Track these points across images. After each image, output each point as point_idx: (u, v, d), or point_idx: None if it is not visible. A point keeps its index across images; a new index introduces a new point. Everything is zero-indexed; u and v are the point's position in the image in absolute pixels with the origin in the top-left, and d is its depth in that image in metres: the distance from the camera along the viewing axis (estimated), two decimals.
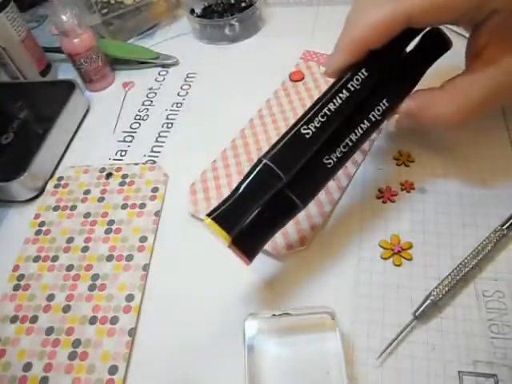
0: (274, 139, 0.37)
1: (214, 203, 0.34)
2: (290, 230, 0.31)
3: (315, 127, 0.26)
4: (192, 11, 0.50)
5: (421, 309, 0.27)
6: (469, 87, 0.27)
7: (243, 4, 0.50)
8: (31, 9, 0.61)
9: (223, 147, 0.38)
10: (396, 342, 0.26)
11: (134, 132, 0.42)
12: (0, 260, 0.34)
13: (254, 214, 0.25)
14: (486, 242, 0.28)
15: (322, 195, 0.33)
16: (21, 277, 0.33)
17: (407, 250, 0.30)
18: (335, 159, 0.27)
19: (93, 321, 0.30)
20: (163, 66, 0.48)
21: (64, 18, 0.41)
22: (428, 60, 0.30)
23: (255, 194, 0.25)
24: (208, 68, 0.47)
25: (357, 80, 0.27)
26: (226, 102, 0.43)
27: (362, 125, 0.27)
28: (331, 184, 0.34)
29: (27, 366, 0.28)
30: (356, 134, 0.27)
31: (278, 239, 0.31)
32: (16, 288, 0.32)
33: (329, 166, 0.27)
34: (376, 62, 0.27)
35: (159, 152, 0.40)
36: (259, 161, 0.25)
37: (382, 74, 0.28)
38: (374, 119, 0.28)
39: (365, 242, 0.31)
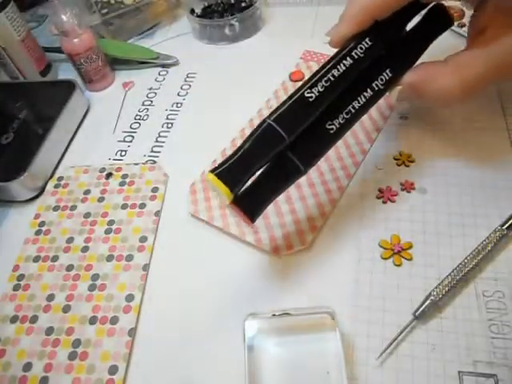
0: None
1: (214, 203, 0.34)
2: (290, 230, 0.31)
3: (318, 91, 0.26)
4: (192, 11, 0.50)
5: (421, 309, 0.26)
6: (472, 62, 0.28)
7: (243, 4, 0.50)
8: (31, 9, 0.61)
9: (223, 147, 0.38)
10: (396, 342, 0.26)
11: (134, 132, 0.42)
12: (0, 260, 0.34)
13: (256, 175, 0.26)
14: (486, 242, 0.28)
15: (322, 195, 0.33)
16: (21, 277, 0.33)
17: (407, 249, 0.30)
18: (338, 125, 0.27)
19: (93, 321, 0.30)
20: (163, 65, 0.48)
21: (64, 17, 0.41)
22: (431, 35, 0.31)
23: (258, 153, 0.25)
24: (208, 68, 0.47)
25: (361, 49, 0.27)
26: (226, 101, 0.43)
27: (364, 93, 0.28)
28: (331, 184, 0.34)
29: (27, 366, 0.28)
30: (359, 102, 0.27)
31: (278, 239, 0.31)
32: (16, 288, 0.32)
33: (331, 131, 0.27)
34: (380, 33, 0.28)
35: (159, 152, 0.40)
36: (263, 121, 0.25)
37: (385, 44, 0.28)
38: (376, 88, 0.28)
39: (365, 242, 0.31)
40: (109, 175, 0.38)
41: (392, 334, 0.26)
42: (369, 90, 0.28)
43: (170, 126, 0.42)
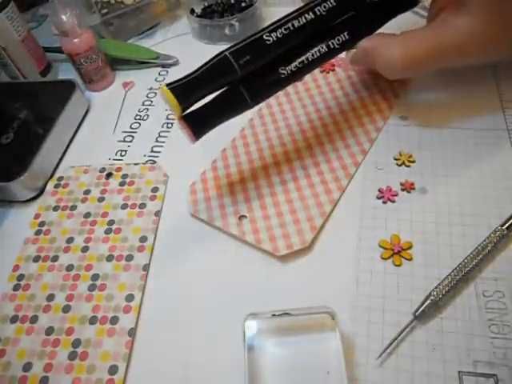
0: (274, 139, 0.38)
1: (214, 203, 0.34)
2: (290, 230, 0.31)
3: (277, 37, 0.29)
4: (192, 11, 0.50)
5: (421, 309, 0.27)
6: (419, 37, 0.31)
7: (243, 4, 0.50)
8: (31, 9, 0.61)
9: (223, 147, 0.38)
10: (396, 342, 0.26)
11: (134, 132, 0.42)
12: (0, 260, 0.34)
13: (208, 100, 0.29)
14: (486, 242, 0.28)
15: (322, 195, 0.33)
16: (21, 277, 0.33)
17: (407, 249, 0.30)
18: (289, 71, 0.30)
19: (93, 321, 0.30)
20: (163, 66, 0.48)
21: (64, 17, 0.41)
22: (394, 10, 0.34)
23: (210, 78, 0.28)
24: None
25: (324, 7, 0.30)
26: None
27: (320, 48, 0.31)
28: (331, 184, 0.34)
29: (27, 366, 0.28)
30: (313, 55, 0.30)
31: (279, 239, 0.31)
32: (16, 288, 0.32)
33: (282, 75, 0.30)
34: None
35: (159, 152, 0.40)
36: (221, 53, 0.29)
37: (349, 8, 0.31)
38: (332, 47, 0.31)
39: (365, 242, 0.31)
40: (109, 175, 0.38)
41: (392, 334, 0.26)
42: (324, 47, 0.31)
43: (169, 126, 0.42)
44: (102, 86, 0.47)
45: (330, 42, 0.31)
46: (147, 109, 0.44)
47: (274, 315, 0.26)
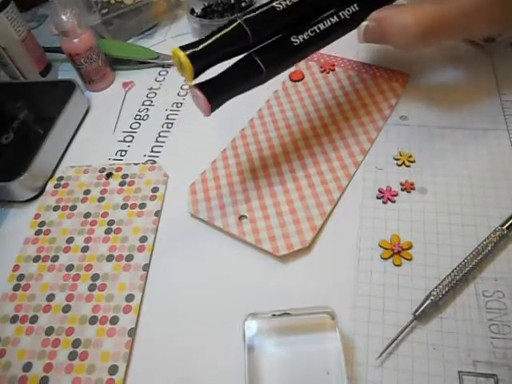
0: (274, 139, 0.38)
1: (214, 203, 0.34)
2: (290, 230, 0.31)
3: (287, 5, 0.30)
4: (192, 11, 0.50)
5: (421, 309, 0.27)
6: (430, 6, 0.31)
7: (243, 4, 0.50)
8: (31, 9, 0.61)
9: (223, 147, 0.38)
10: (396, 342, 0.26)
11: (134, 132, 0.42)
12: (0, 260, 0.34)
13: (223, 70, 0.29)
14: (486, 242, 0.28)
15: (322, 195, 0.33)
16: (21, 277, 0.33)
17: (407, 249, 0.30)
18: (301, 40, 0.30)
19: (93, 321, 0.30)
20: (163, 66, 0.48)
21: (64, 17, 0.41)
22: None
23: (223, 44, 0.28)
24: None
25: None
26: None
27: (331, 18, 0.31)
28: (331, 184, 0.34)
29: (27, 366, 0.28)
30: (324, 25, 0.31)
31: (279, 239, 0.31)
32: (16, 288, 0.32)
33: (295, 44, 0.30)
34: None
35: (159, 152, 0.40)
36: (234, 20, 0.29)
37: None
38: (342, 17, 0.32)
39: (365, 242, 0.31)
40: (109, 175, 0.38)
41: (392, 334, 0.26)
42: (335, 17, 0.32)
43: (169, 126, 0.42)
44: (102, 86, 0.47)
45: (340, 13, 0.32)
46: (147, 109, 0.44)
47: (274, 315, 0.26)
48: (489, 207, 0.31)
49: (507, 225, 0.29)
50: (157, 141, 0.41)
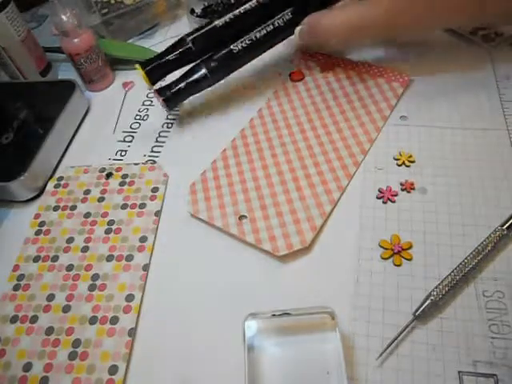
0: (274, 139, 0.38)
1: (214, 203, 0.34)
2: (290, 230, 0.31)
3: (225, 21, 0.37)
4: (192, 11, 0.50)
5: (421, 309, 0.27)
6: (351, 10, 0.36)
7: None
8: (31, 9, 0.61)
9: (223, 147, 0.38)
10: (396, 342, 0.26)
11: (134, 132, 0.42)
12: (0, 260, 0.34)
13: (178, 78, 0.38)
14: (486, 242, 0.28)
15: (322, 195, 0.33)
16: (21, 277, 0.33)
17: (407, 249, 0.30)
18: (240, 47, 0.38)
19: (93, 321, 0.30)
20: None
21: (64, 17, 0.41)
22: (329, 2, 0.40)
23: (174, 60, 0.38)
24: None
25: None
26: (226, 102, 0.43)
27: (266, 27, 0.38)
28: (331, 184, 0.34)
29: (27, 366, 0.28)
30: (260, 33, 0.38)
31: (279, 239, 0.31)
32: (16, 288, 0.32)
33: (234, 51, 0.38)
34: None
35: (159, 152, 0.40)
36: (183, 39, 0.38)
37: None
38: (277, 25, 0.38)
39: (365, 241, 0.31)
40: (109, 175, 0.38)
41: (392, 334, 0.26)
42: (270, 26, 0.38)
43: (169, 126, 0.42)
44: (102, 86, 0.47)
45: (275, 22, 0.38)
46: (147, 109, 0.44)
47: (273, 315, 0.26)
48: (489, 207, 0.31)
49: (507, 225, 0.29)
50: (157, 141, 0.41)
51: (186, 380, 0.27)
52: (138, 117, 0.44)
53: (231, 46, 0.37)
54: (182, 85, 0.38)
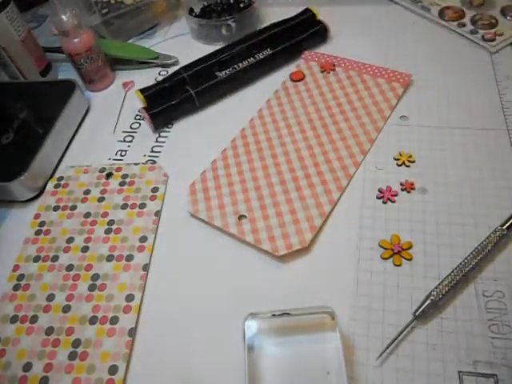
0: (274, 139, 0.38)
1: (214, 203, 0.34)
2: (290, 230, 0.31)
3: (226, 74, 0.43)
4: (191, 11, 0.50)
5: (421, 309, 0.27)
6: None
7: (242, 4, 0.50)
8: (31, 9, 0.61)
9: (223, 147, 0.38)
10: (396, 342, 0.26)
11: (134, 132, 0.42)
12: (0, 260, 0.34)
13: (169, 104, 0.41)
14: (486, 242, 0.28)
15: (322, 195, 0.33)
16: (21, 277, 0.33)
17: (407, 249, 0.30)
18: (223, 75, 0.42)
19: (93, 321, 0.30)
20: (163, 65, 0.48)
21: (64, 17, 0.41)
22: (305, 43, 0.45)
23: (170, 88, 0.42)
24: None
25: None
26: (227, 101, 0.43)
27: (248, 59, 0.43)
28: (331, 184, 0.34)
29: (27, 366, 0.28)
30: (242, 64, 0.43)
31: (278, 239, 0.31)
32: (16, 288, 0.32)
33: (218, 78, 0.42)
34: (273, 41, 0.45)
35: (159, 152, 0.40)
36: (179, 73, 0.43)
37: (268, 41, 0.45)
38: (258, 58, 0.43)
39: (365, 241, 0.31)
40: (109, 175, 0.38)
41: (392, 334, 0.26)
42: (252, 58, 0.43)
43: (170, 126, 0.42)
44: (102, 86, 0.47)
45: (256, 55, 0.43)
46: None
47: (273, 315, 0.26)
48: (489, 207, 0.31)
49: (507, 225, 0.29)
50: (157, 141, 0.41)
51: (186, 380, 0.27)
52: (138, 117, 0.44)
53: (216, 73, 0.42)
54: (171, 110, 0.41)
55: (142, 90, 0.42)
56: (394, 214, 0.32)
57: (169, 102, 0.41)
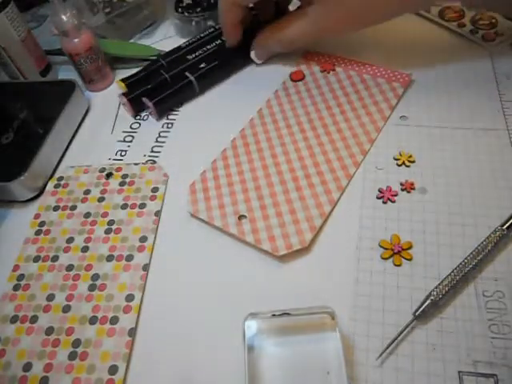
0: (274, 139, 0.38)
1: (214, 203, 0.34)
2: (290, 230, 0.31)
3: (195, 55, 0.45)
4: (178, 4, 0.50)
5: (421, 309, 0.27)
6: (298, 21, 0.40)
7: (212, 1, 0.50)
8: (31, 9, 0.61)
9: (223, 147, 0.38)
10: (396, 342, 0.26)
11: (134, 132, 0.42)
12: (0, 260, 0.34)
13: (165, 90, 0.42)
14: (486, 242, 0.28)
15: (321, 195, 0.33)
16: (21, 277, 0.33)
17: (407, 249, 0.30)
18: (193, 57, 0.45)
19: (93, 321, 0.30)
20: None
21: (64, 17, 0.41)
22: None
23: (148, 76, 0.44)
24: None
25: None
26: (226, 101, 0.43)
27: (204, 65, 0.44)
28: (331, 184, 0.34)
29: (27, 366, 0.28)
30: (203, 68, 0.43)
31: (278, 239, 0.31)
32: (16, 288, 0.32)
33: (189, 61, 0.44)
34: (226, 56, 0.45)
35: (159, 152, 0.40)
36: (157, 60, 0.45)
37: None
38: (212, 65, 0.44)
39: (365, 241, 0.31)
40: (109, 175, 0.38)
41: (392, 334, 0.26)
42: (204, 64, 0.44)
43: (170, 126, 0.42)
44: (102, 86, 0.47)
45: (212, 64, 0.44)
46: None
47: (273, 315, 0.26)
48: (489, 207, 0.31)
49: (507, 225, 0.29)
50: (157, 141, 0.41)
51: (186, 380, 0.27)
52: (138, 117, 0.44)
53: (185, 74, 0.43)
54: (167, 93, 0.42)
55: (123, 80, 0.44)
56: (393, 214, 0.32)
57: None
